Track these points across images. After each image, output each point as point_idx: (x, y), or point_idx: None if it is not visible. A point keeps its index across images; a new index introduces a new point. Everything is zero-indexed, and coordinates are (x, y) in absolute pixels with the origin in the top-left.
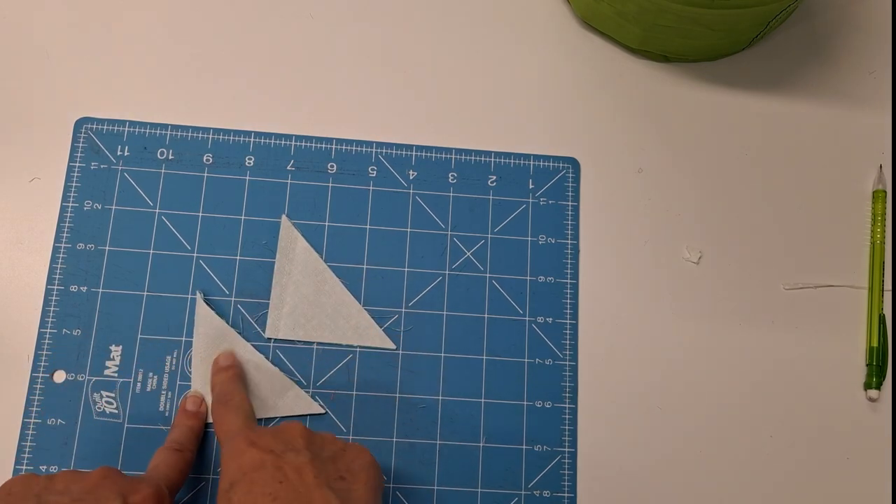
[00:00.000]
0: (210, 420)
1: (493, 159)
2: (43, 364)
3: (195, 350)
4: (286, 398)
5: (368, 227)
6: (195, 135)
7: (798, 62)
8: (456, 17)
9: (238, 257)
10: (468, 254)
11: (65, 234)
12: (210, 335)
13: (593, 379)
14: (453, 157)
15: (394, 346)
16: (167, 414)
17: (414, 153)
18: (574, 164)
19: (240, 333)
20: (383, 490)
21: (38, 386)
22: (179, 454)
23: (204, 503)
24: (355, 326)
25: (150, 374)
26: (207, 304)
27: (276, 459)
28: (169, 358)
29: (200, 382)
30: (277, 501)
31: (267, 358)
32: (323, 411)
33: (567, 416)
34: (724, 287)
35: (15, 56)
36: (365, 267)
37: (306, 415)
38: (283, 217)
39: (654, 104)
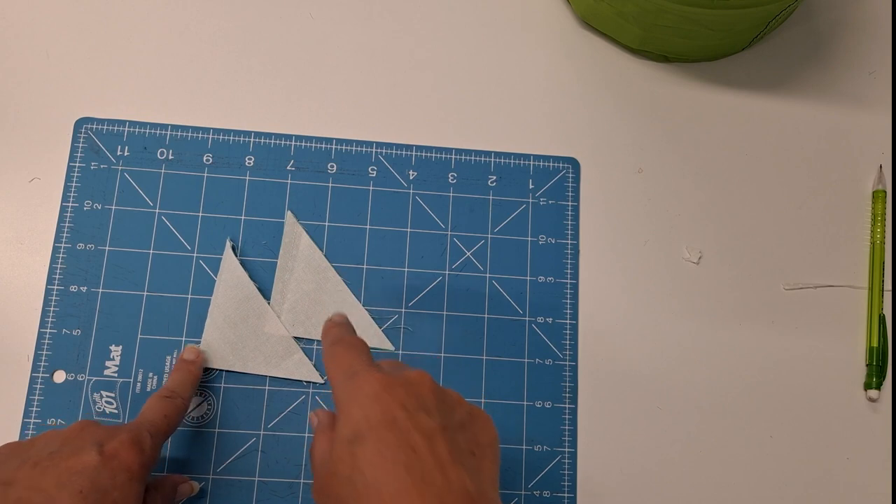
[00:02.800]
0: (223, 370)
1: (493, 159)
2: (43, 364)
3: (214, 298)
4: (290, 361)
5: (368, 227)
6: (195, 135)
7: (798, 62)
8: (456, 17)
9: (238, 257)
10: (468, 254)
11: (65, 234)
12: (231, 284)
13: (593, 379)
14: (453, 157)
15: (392, 348)
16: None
17: (414, 153)
18: (574, 164)
19: None
20: None
21: (38, 386)
22: (168, 400)
23: (203, 502)
24: (355, 326)
25: (150, 374)
26: (234, 251)
27: (407, 418)
28: (169, 358)
29: (212, 330)
30: (411, 473)
31: None
32: (322, 381)
33: (567, 416)
34: (724, 287)
35: (15, 56)
36: (365, 267)
37: (308, 381)
38: (289, 213)
39: (654, 104)
